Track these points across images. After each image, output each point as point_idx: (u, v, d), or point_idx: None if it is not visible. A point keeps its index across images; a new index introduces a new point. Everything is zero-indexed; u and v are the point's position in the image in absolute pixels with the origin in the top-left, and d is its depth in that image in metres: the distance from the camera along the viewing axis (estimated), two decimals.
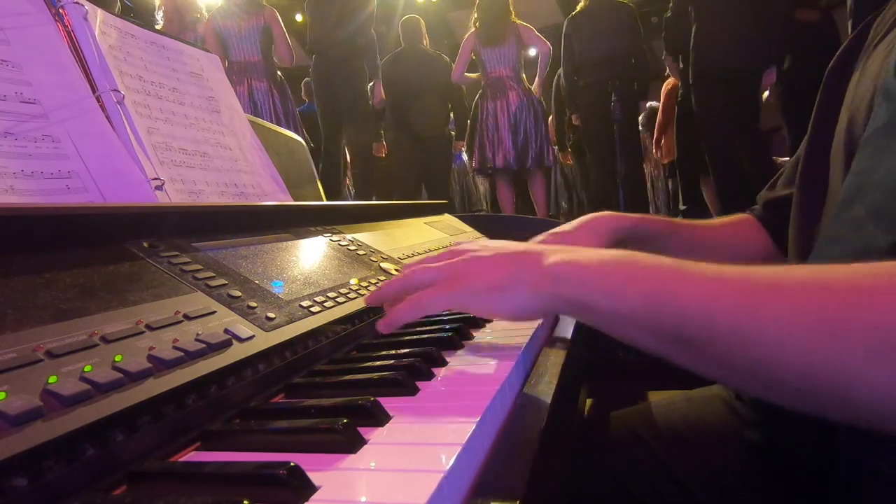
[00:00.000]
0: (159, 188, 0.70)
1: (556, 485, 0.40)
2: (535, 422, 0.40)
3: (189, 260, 0.52)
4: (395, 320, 0.50)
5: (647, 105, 4.65)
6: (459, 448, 0.31)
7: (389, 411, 0.37)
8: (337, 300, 0.59)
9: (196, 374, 0.38)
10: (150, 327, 0.40)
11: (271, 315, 0.49)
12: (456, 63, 4.05)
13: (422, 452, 0.32)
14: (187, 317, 0.43)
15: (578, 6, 3.98)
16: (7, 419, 0.28)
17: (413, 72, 4.11)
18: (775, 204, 0.73)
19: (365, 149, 4.13)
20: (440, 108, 4.22)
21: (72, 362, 0.33)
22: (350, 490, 0.28)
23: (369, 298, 0.56)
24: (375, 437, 0.34)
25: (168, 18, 3.42)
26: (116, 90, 0.71)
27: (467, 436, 0.32)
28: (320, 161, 3.86)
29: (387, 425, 0.36)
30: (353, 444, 0.32)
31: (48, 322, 0.36)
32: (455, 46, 6.13)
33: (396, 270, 0.76)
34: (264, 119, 3.38)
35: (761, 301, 0.35)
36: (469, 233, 1.22)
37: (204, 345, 0.40)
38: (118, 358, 0.35)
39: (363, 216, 0.96)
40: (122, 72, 0.75)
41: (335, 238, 0.78)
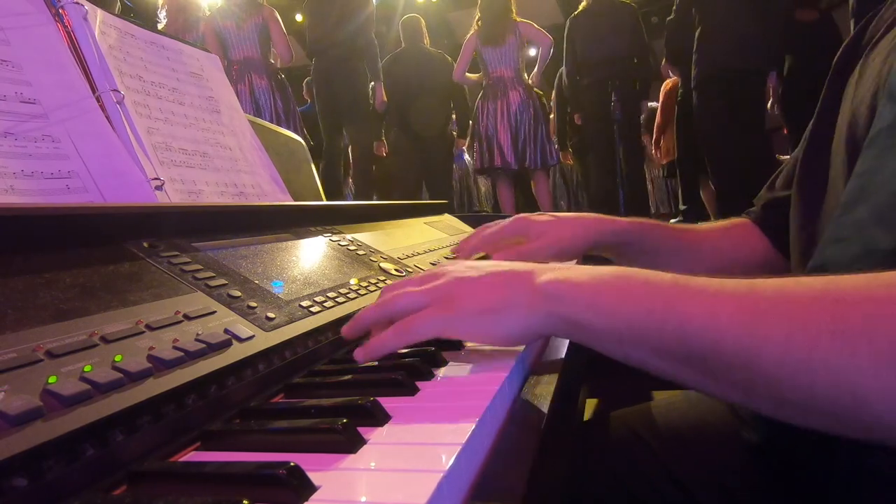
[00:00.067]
0: (159, 188, 0.70)
1: (556, 485, 0.40)
2: (535, 422, 0.41)
3: (189, 260, 0.52)
4: (379, 348, 0.46)
5: (647, 105, 4.65)
6: (459, 448, 0.31)
7: (389, 411, 0.37)
8: (337, 300, 0.59)
9: (196, 374, 0.38)
10: (150, 327, 0.40)
11: (271, 315, 0.49)
12: (458, 62, 4.05)
13: (422, 452, 0.32)
14: (187, 317, 0.43)
15: (580, 6, 3.99)
16: (7, 419, 0.28)
17: (414, 71, 4.10)
18: (774, 205, 0.72)
19: (365, 149, 4.13)
20: (442, 108, 4.22)
21: (72, 362, 0.33)
22: (350, 490, 0.28)
23: (347, 330, 0.51)
24: (375, 437, 0.34)
25: (172, 18, 3.43)
26: (116, 90, 0.71)
27: (467, 436, 0.32)
28: (320, 161, 3.86)
29: (386, 425, 0.36)
30: (353, 444, 0.32)
31: (48, 322, 0.36)
32: (455, 46, 6.13)
33: (396, 271, 0.76)
34: (265, 117, 3.39)
35: (767, 316, 0.33)
36: (469, 233, 1.22)
37: (204, 345, 0.40)
38: (118, 358, 0.35)
39: (363, 216, 0.96)
40: (122, 72, 0.75)
41: (335, 238, 0.78)
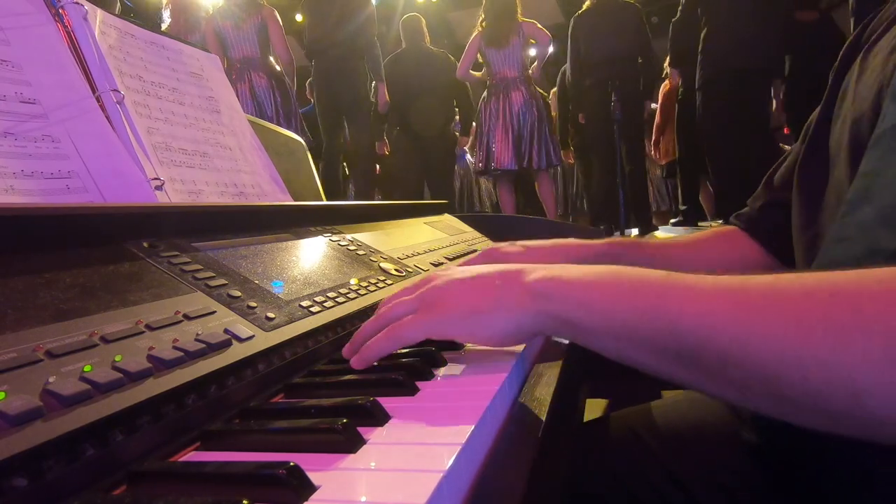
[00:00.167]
0: (159, 188, 0.70)
1: (556, 485, 0.40)
2: (535, 422, 0.41)
3: (189, 260, 0.52)
4: (371, 354, 0.46)
5: (651, 106, 4.65)
6: (459, 448, 0.31)
7: (389, 411, 0.37)
8: (337, 300, 0.59)
9: (196, 374, 0.38)
10: (150, 327, 0.40)
11: (271, 315, 0.49)
12: (461, 61, 4.05)
13: (421, 452, 0.32)
14: (187, 317, 0.43)
15: (584, 5, 3.99)
16: (7, 419, 0.28)
17: (416, 71, 4.10)
18: (772, 205, 0.72)
19: (366, 148, 4.12)
20: (443, 108, 4.22)
21: (72, 362, 0.33)
22: (350, 490, 0.28)
23: (348, 349, 0.50)
24: (375, 437, 0.34)
25: (175, 18, 3.44)
26: (116, 90, 0.71)
27: (467, 436, 0.32)
28: (320, 161, 3.86)
29: (386, 425, 0.36)
30: (353, 444, 0.32)
31: (48, 322, 0.36)
32: (455, 46, 6.13)
33: (396, 271, 0.76)
34: (267, 116, 3.38)
35: (760, 311, 0.33)
36: (469, 233, 1.22)
37: (204, 345, 0.40)
38: (118, 358, 0.35)
39: (363, 216, 0.96)
40: (122, 72, 0.75)
41: (335, 238, 0.78)
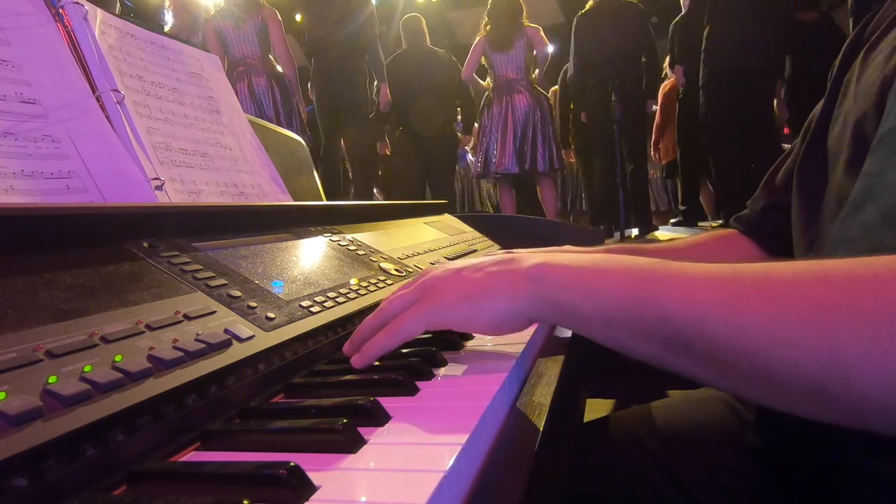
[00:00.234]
0: (159, 188, 0.70)
1: (556, 485, 0.40)
2: (535, 421, 0.40)
3: (189, 260, 0.52)
4: (372, 352, 0.46)
5: (653, 106, 4.65)
6: (459, 448, 0.31)
7: (389, 411, 0.37)
8: (337, 300, 0.59)
9: (196, 374, 0.38)
10: (150, 327, 0.40)
11: (271, 315, 0.49)
12: (466, 63, 4.05)
13: (422, 452, 0.31)
14: (187, 317, 0.43)
15: (587, 5, 3.99)
16: (7, 419, 0.28)
17: (417, 71, 4.09)
18: (772, 207, 0.72)
19: (366, 148, 4.12)
20: (444, 108, 4.21)
21: (72, 362, 0.33)
22: (350, 490, 0.28)
23: (348, 346, 0.51)
24: (375, 437, 0.34)
25: (180, 19, 3.45)
26: (116, 90, 0.71)
27: (467, 436, 0.32)
28: (319, 161, 3.86)
29: (387, 425, 0.36)
30: (353, 444, 0.32)
31: (48, 322, 0.36)
32: (455, 46, 6.13)
33: (396, 271, 0.76)
34: (267, 115, 3.38)
35: (751, 296, 0.33)
36: (469, 233, 1.22)
37: (204, 345, 0.40)
38: (118, 358, 0.35)
39: (363, 216, 0.96)
40: (122, 72, 0.75)
41: (335, 238, 0.78)
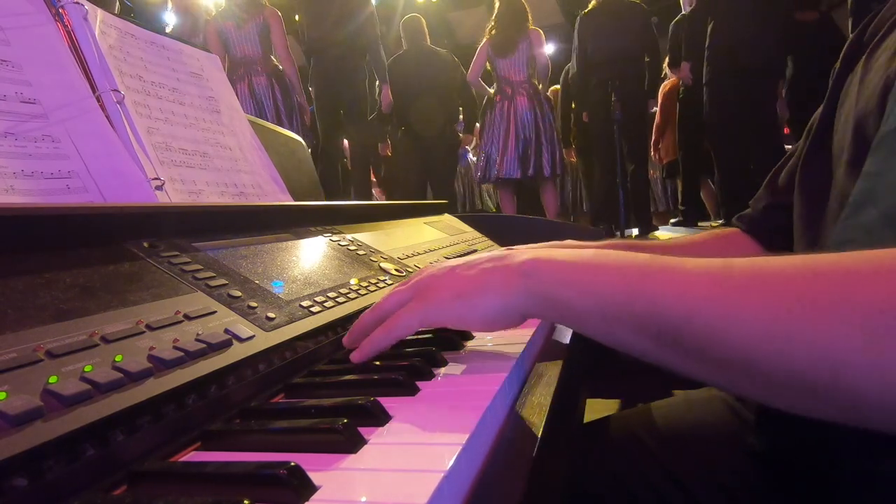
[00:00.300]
0: (159, 188, 0.70)
1: (556, 485, 0.40)
2: (535, 422, 0.40)
3: (189, 260, 0.52)
4: (370, 349, 0.48)
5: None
6: (460, 448, 0.30)
7: (389, 411, 0.37)
8: (337, 300, 0.59)
9: (196, 374, 0.38)
10: (151, 327, 0.40)
11: (271, 315, 0.49)
12: (472, 66, 4.07)
13: (422, 452, 0.31)
14: (187, 317, 0.43)
15: (590, 4, 3.99)
16: (7, 419, 0.28)
17: (419, 71, 4.09)
18: (775, 207, 0.72)
19: (365, 148, 4.12)
20: (445, 108, 4.21)
21: (72, 362, 0.33)
22: (350, 490, 0.28)
23: (347, 339, 0.52)
24: (375, 437, 0.34)
25: (181, 20, 3.46)
26: (116, 90, 0.71)
27: (468, 436, 0.32)
28: (319, 161, 3.86)
29: (387, 425, 0.36)
30: (354, 444, 0.32)
31: (48, 322, 0.36)
32: (455, 46, 6.13)
33: (396, 271, 0.76)
34: (267, 115, 3.38)
35: (742, 289, 0.33)
36: (469, 233, 1.22)
37: (204, 345, 0.40)
38: (118, 358, 0.35)
39: (363, 216, 0.96)
40: (122, 72, 0.75)
41: (335, 238, 0.78)
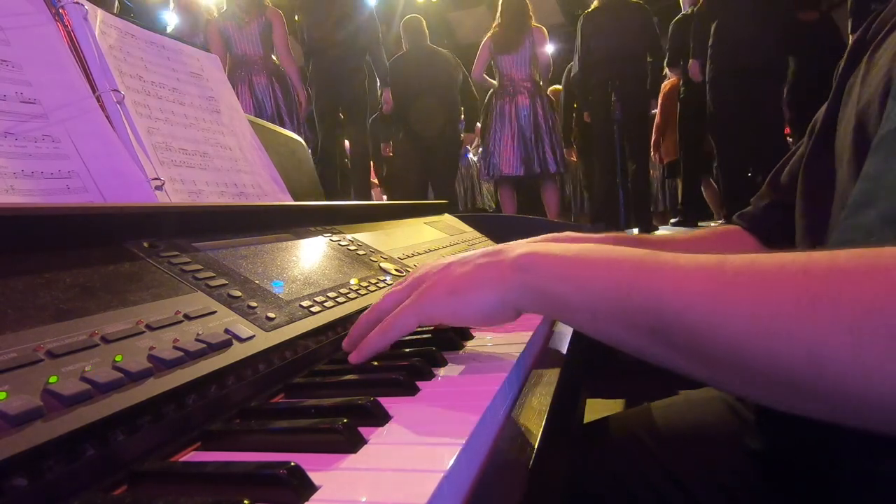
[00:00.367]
0: (159, 188, 0.70)
1: (556, 485, 0.40)
2: (535, 422, 0.40)
3: (189, 260, 0.52)
4: (368, 350, 0.48)
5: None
6: (460, 448, 0.30)
7: (389, 411, 0.37)
8: (337, 300, 0.59)
9: (196, 374, 0.38)
10: (151, 327, 0.40)
11: (271, 315, 0.49)
12: (475, 64, 4.08)
13: (422, 452, 0.31)
14: (187, 317, 0.43)
15: (592, 4, 3.99)
16: (7, 419, 0.28)
17: (420, 71, 4.09)
18: (776, 206, 0.72)
19: (365, 148, 4.12)
20: (446, 108, 4.21)
21: (72, 362, 0.33)
22: (350, 490, 0.28)
23: (347, 342, 0.52)
24: (375, 437, 0.34)
25: (182, 20, 3.46)
26: (116, 90, 0.71)
27: (468, 436, 0.32)
28: (317, 161, 3.86)
29: (387, 425, 0.36)
30: (354, 444, 0.32)
31: (48, 322, 0.36)
32: (455, 46, 6.13)
33: (396, 271, 0.76)
34: (267, 114, 3.39)
35: (733, 286, 0.33)
36: (469, 233, 1.22)
37: (204, 345, 0.40)
38: (118, 358, 0.35)
39: (363, 216, 0.96)
40: (122, 72, 0.75)
41: (335, 238, 0.78)
